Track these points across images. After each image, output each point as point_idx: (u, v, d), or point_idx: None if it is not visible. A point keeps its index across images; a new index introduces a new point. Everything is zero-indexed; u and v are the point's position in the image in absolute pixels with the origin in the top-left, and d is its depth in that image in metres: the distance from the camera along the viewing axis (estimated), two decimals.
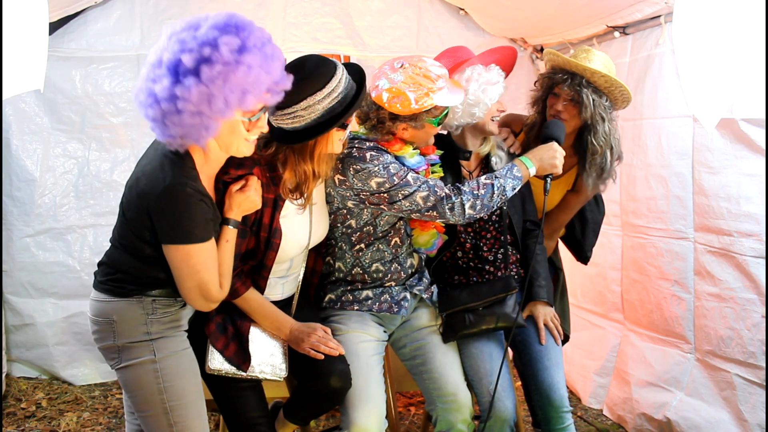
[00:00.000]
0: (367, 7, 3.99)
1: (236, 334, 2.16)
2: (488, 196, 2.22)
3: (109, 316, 1.96)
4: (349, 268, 2.38)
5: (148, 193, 1.83)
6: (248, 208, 2.03)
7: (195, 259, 1.86)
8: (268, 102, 1.86)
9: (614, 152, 2.61)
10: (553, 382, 2.33)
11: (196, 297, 1.92)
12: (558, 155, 2.32)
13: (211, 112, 1.73)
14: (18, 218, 3.73)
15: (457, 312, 2.40)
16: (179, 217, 1.82)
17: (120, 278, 1.96)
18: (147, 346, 1.95)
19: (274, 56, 1.81)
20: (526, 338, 2.46)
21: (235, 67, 1.71)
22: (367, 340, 2.31)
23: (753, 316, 2.65)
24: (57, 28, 3.65)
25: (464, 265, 2.57)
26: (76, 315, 3.77)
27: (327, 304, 2.40)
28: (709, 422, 2.83)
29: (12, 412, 3.48)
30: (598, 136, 2.55)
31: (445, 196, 2.20)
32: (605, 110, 2.53)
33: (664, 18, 2.95)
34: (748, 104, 2.53)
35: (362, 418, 2.12)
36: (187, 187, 1.81)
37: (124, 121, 3.79)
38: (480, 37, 4.00)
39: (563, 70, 2.54)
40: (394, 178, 2.18)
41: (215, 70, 1.70)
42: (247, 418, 2.17)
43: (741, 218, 2.67)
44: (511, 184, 2.26)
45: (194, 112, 1.72)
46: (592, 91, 2.50)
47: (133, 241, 1.93)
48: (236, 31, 1.74)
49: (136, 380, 1.96)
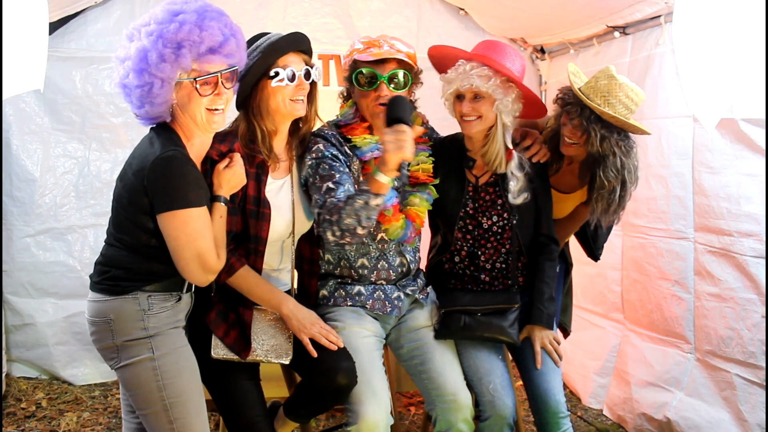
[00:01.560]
0: (367, 7, 4.00)
1: (238, 321, 2.17)
2: (343, 221, 2.10)
3: (106, 315, 1.96)
4: (336, 260, 2.39)
5: (142, 168, 1.90)
6: (236, 183, 2.10)
7: (192, 226, 1.90)
8: (213, 62, 1.93)
9: (627, 187, 2.42)
10: (548, 388, 2.32)
11: (195, 268, 1.93)
12: (404, 137, 2.07)
13: (151, 68, 1.85)
14: (18, 218, 3.73)
15: (454, 312, 2.39)
16: (174, 182, 1.88)
17: (115, 275, 1.97)
18: (145, 344, 1.96)
19: (213, 18, 1.92)
20: (523, 344, 2.45)
21: (168, 24, 1.86)
22: (367, 336, 2.32)
23: (753, 316, 2.66)
24: (57, 28, 3.65)
25: (460, 271, 2.53)
26: (76, 315, 3.77)
27: (321, 301, 2.41)
28: (709, 422, 2.83)
29: (12, 412, 3.48)
30: (607, 170, 2.38)
31: (322, 220, 2.15)
32: (616, 144, 2.35)
33: (664, 18, 2.95)
34: (748, 104, 2.53)
35: (370, 412, 2.12)
36: (178, 153, 1.90)
37: (125, 121, 3.79)
38: (480, 37, 3.98)
39: (576, 98, 2.38)
40: (317, 175, 2.22)
41: (150, 28, 1.87)
42: (246, 417, 2.17)
43: (741, 218, 2.67)
44: (362, 200, 2.09)
45: (137, 70, 1.86)
46: (601, 126, 2.33)
47: (130, 231, 1.95)
48: (179, 3, 1.92)
49: (136, 378, 1.97)
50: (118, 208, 1.98)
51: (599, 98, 2.33)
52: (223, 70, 1.95)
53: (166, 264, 1.96)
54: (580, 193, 2.63)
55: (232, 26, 1.99)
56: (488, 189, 2.46)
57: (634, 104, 2.34)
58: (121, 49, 1.91)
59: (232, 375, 2.17)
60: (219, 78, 1.95)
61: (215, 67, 1.94)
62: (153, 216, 1.92)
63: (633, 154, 2.42)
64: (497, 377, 2.32)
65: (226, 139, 2.14)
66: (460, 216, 2.46)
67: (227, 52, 1.94)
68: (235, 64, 2.00)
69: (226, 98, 2.00)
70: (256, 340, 2.18)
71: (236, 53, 1.99)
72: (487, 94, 2.30)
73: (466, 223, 2.47)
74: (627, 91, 2.33)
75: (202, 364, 2.09)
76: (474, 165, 2.47)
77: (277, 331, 2.22)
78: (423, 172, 2.42)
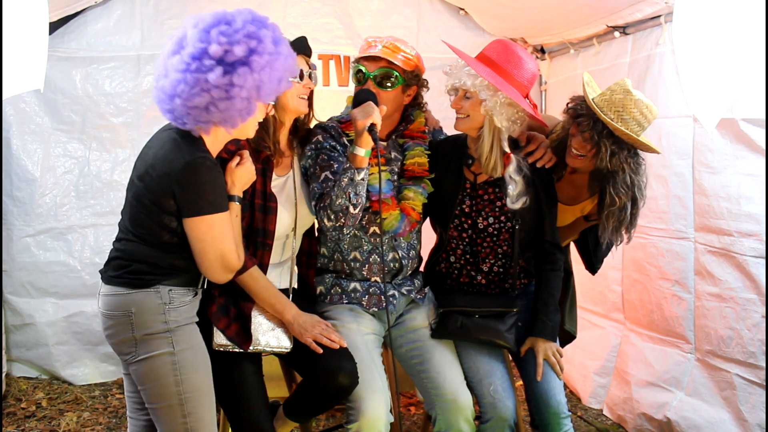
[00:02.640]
0: (367, 7, 4.00)
1: (239, 316, 2.20)
2: (334, 203, 2.21)
3: (126, 308, 1.97)
4: (330, 253, 2.43)
5: (168, 172, 1.91)
6: (248, 180, 2.15)
7: (218, 229, 1.94)
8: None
9: (638, 204, 2.37)
10: (549, 388, 2.31)
11: (218, 268, 1.98)
12: (369, 108, 2.18)
13: (259, 98, 1.93)
14: (18, 218, 3.73)
15: (452, 312, 2.39)
16: (203, 188, 1.92)
17: (137, 269, 1.98)
18: (165, 338, 1.97)
19: (290, 47, 2.02)
20: (522, 345, 2.45)
21: (276, 57, 1.92)
22: (366, 334, 2.33)
23: (753, 316, 2.66)
24: (57, 28, 3.65)
25: (455, 272, 2.51)
26: (77, 315, 3.77)
27: (318, 297, 2.43)
28: (709, 422, 2.83)
29: (12, 412, 3.49)
30: (617, 187, 2.33)
31: (319, 208, 2.26)
32: (626, 161, 2.30)
33: (664, 18, 2.95)
34: (748, 104, 2.52)
35: (371, 408, 2.13)
36: (207, 159, 1.94)
37: (125, 121, 3.79)
38: (480, 37, 4.00)
39: (589, 110, 2.31)
40: (316, 166, 2.30)
41: (264, 59, 1.89)
42: (249, 411, 2.17)
43: (741, 218, 2.67)
44: (347, 177, 2.19)
45: (244, 97, 1.89)
46: (612, 142, 2.28)
47: (151, 230, 1.96)
48: (266, 25, 1.94)
49: (153, 372, 1.97)
50: (138, 207, 1.98)
51: (613, 113, 2.27)
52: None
53: (187, 259, 1.99)
54: (581, 206, 2.62)
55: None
56: (487, 189, 2.43)
57: (647, 121, 2.30)
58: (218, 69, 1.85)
59: (236, 369, 2.19)
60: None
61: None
62: (178, 217, 1.94)
63: (642, 171, 2.38)
64: (498, 378, 2.32)
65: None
66: (455, 214, 2.44)
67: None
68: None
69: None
70: (257, 330, 2.20)
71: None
72: (473, 93, 2.29)
73: (461, 222, 2.45)
74: (642, 108, 2.27)
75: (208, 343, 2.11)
76: (473, 163, 2.44)
77: (277, 323, 2.24)
78: (418, 165, 2.43)
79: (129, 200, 2.02)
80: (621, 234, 2.44)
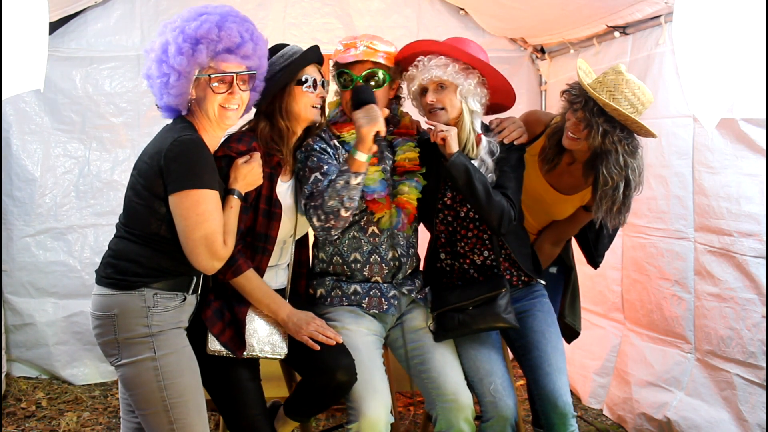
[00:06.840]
0: (367, 7, 4.00)
1: (233, 321, 2.19)
2: (326, 203, 2.17)
3: (110, 309, 1.97)
4: (329, 256, 2.41)
5: (159, 150, 1.96)
6: (252, 181, 2.14)
7: (203, 207, 1.93)
8: (229, 62, 2.00)
9: (631, 185, 2.40)
10: (555, 389, 2.31)
11: (202, 251, 1.95)
12: (374, 112, 2.18)
13: (169, 60, 1.95)
14: (18, 218, 3.73)
15: (446, 312, 2.38)
16: (190, 161, 1.94)
17: (124, 268, 1.98)
18: (147, 344, 1.96)
19: (234, 21, 2.02)
20: (526, 344, 2.43)
21: (191, 22, 1.97)
22: (366, 335, 2.33)
23: (753, 316, 2.66)
24: (57, 28, 3.66)
25: (448, 268, 2.51)
26: (77, 315, 3.77)
27: (318, 300, 2.42)
28: (709, 422, 2.83)
29: (12, 411, 3.49)
30: (609, 166, 2.36)
31: (309, 208, 2.23)
32: (619, 141, 2.33)
33: (664, 18, 2.95)
34: (748, 104, 2.53)
35: (371, 409, 2.14)
36: (196, 137, 1.98)
37: (125, 121, 3.79)
38: (480, 37, 4.00)
39: (582, 91, 2.38)
40: (306, 168, 2.29)
41: (175, 24, 1.99)
42: (246, 416, 2.17)
43: (741, 218, 2.67)
44: (343, 180, 2.17)
45: (157, 61, 1.97)
46: (604, 120, 2.32)
47: (141, 218, 1.98)
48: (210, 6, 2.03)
49: (137, 378, 1.97)
50: (132, 196, 2.01)
51: (605, 93, 2.32)
52: (239, 71, 2.03)
53: (174, 260, 1.98)
54: (581, 195, 2.62)
55: (253, 32, 2.07)
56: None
57: (641, 104, 2.33)
58: (150, 43, 2.04)
59: (232, 374, 2.18)
60: (234, 79, 2.02)
61: (231, 67, 2.02)
62: (165, 201, 1.95)
63: (638, 155, 2.40)
64: (498, 378, 2.32)
65: (243, 139, 2.19)
66: (438, 208, 2.45)
67: (244, 54, 2.02)
68: (253, 67, 2.07)
69: (241, 98, 2.06)
70: (252, 336, 2.19)
71: (253, 57, 2.05)
72: (448, 82, 2.33)
73: (445, 215, 2.46)
74: (633, 88, 2.31)
75: (201, 362, 2.09)
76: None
77: (272, 327, 2.23)
78: (409, 161, 2.43)
79: (126, 193, 2.04)
80: (614, 215, 2.46)
